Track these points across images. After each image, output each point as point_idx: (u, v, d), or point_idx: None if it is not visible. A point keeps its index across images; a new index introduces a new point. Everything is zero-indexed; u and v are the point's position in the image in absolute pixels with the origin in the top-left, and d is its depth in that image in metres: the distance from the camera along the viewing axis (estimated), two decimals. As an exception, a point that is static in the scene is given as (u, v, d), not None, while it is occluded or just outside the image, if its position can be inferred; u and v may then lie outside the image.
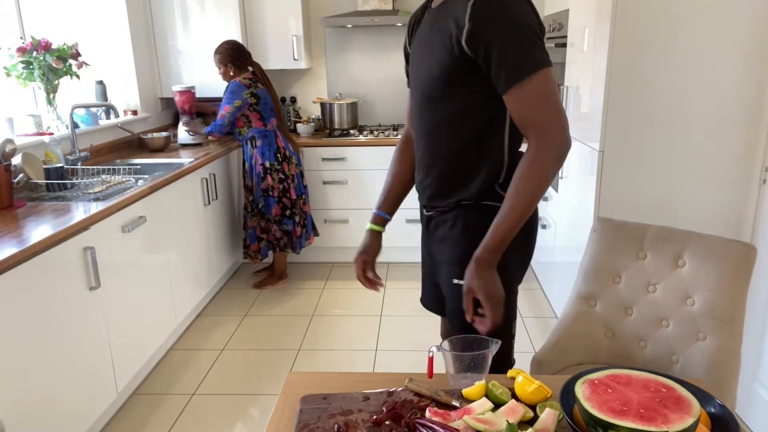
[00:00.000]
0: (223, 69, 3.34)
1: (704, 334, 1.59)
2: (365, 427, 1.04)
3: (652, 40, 2.10)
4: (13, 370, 1.71)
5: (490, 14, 1.17)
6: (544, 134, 1.20)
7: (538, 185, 1.21)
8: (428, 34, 1.33)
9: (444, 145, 1.37)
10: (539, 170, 1.20)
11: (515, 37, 1.17)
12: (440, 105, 1.32)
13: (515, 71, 1.17)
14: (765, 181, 2.11)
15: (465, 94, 1.28)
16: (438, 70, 1.28)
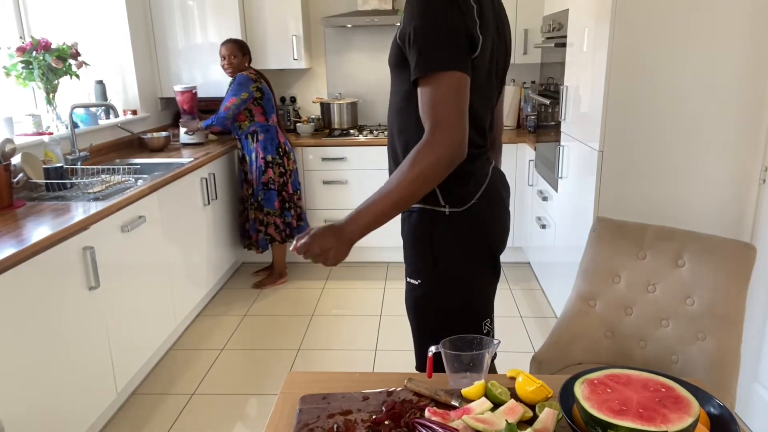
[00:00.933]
0: (240, 58, 3.36)
1: (704, 334, 1.59)
2: (365, 427, 1.04)
3: (652, 40, 2.10)
4: (13, 370, 1.70)
5: (413, 10, 1.20)
6: (433, 132, 1.17)
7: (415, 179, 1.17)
8: None
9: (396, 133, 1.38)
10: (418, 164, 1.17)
11: (429, 33, 1.18)
12: (394, 90, 1.37)
13: (419, 66, 1.19)
14: (765, 181, 2.11)
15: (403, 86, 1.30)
16: (391, 54, 1.33)
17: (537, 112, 3.75)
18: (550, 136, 3.13)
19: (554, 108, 3.02)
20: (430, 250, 1.37)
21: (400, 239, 1.46)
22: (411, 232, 1.40)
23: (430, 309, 1.42)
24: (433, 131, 1.18)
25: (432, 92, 1.19)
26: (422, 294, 1.41)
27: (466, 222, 1.35)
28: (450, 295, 1.40)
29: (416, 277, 1.41)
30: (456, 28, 1.19)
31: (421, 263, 1.39)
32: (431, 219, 1.35)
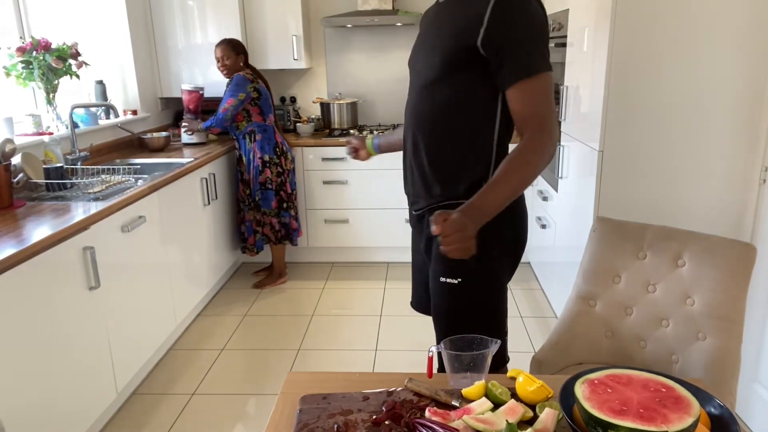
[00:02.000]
0: (234, 59, 3.35)
1: (704, 333, 1.59)
2: (365, 427, 1.04)
3: (652, 40, 2.10)
4: (13, 370, 1.70)
5: (511, 12, 1.24)
6: (542, 129, 1.25)
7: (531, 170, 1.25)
8: (437, 23, 1.37)
9: (436, 138, 1.38)
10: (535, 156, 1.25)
11: (529, 38, 1.25)
12: (436, 93, 1.35)
13: (525, 67, 1.25)
14: (765, 181, 2.11)
15: (461, 83, 1.32)
16: (441, 56, 1.31)
17: (537, 112, 3.75)
18: (550, 136, 3.13)
19: (554, 108, 3.02)
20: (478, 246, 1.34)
21: (401, 239, 1.47)
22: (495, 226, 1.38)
23: (467, 308, 1.41)
24: (541, 129, 1.25)
25: (537, 92, 1.25)
26: (461, 293, 1.39)
27: (506, 216, 1.36)
28: (487, 292, 1.41)
29: (455, 275, 1.38)
30: (546, 32, 1.29)
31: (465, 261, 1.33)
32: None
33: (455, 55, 1.29)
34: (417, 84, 1.41)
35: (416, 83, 1.41)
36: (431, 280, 1.46)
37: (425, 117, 1.39)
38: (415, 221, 1.54)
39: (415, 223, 1.54)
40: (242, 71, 3.33)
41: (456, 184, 1.39)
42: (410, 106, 1.44)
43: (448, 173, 1.39)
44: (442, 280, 1.40)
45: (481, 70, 1.29)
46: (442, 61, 1.32)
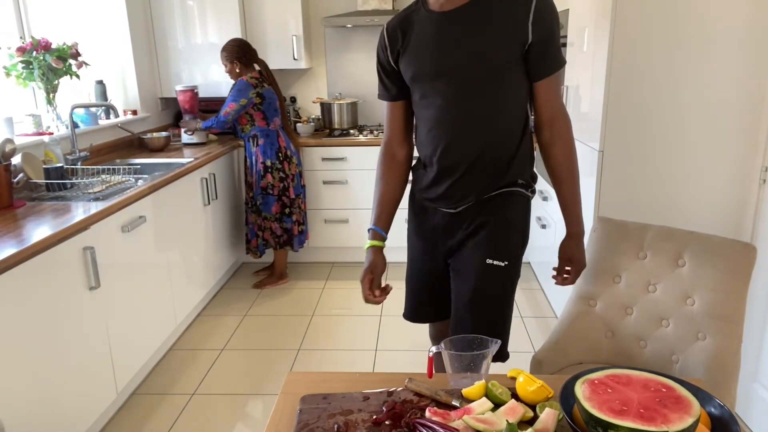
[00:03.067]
0: (230, 66, 3.35)
1: (704, 333, 1.59)
2: (365, 427, 1.04)
3: (652, 40, 2.10)
4: (13, 370, 1.70)
5: (549, 11, 1.37)
6: (566, 117, 1.46)
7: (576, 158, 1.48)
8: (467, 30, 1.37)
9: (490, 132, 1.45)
10: (574, 148, 1.47)
11: (558, 34, 1.40)
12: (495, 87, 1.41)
13: (557, 61, 1.40)
14: (765, 181, 2.11)
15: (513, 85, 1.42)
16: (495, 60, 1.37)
17: (537, 112, 3.75)
18: (550, 136, 3.13)
19: (554, 108, 3.02)
20: (521, 232, 1.52)
21: (401, 239, 1.48)
22: (511, 212, 1.50)
23: (510, 291, 1.52)
24: (567, 117, 1.47)
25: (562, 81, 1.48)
26: (509, 274, 1.48)
27: (530, 203, 1.55)
28: (515, 278, 1.53)
29: (503, 257, 1.47)
30: None
31: (513, 243, 1.50)
32: (522, 200, 1.51)
33: (511, 55, 1.37)
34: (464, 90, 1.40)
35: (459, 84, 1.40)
36: (473, 266, 1.48)
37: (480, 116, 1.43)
38: (448, 220, 1.54)
39: (447, 222, 1.54)
40: (246, 75, 3.32)
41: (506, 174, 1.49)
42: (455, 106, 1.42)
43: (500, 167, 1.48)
44: (489, 262, 1.46)
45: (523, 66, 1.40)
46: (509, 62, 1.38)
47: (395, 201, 1.62)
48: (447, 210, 1.53)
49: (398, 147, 1.62)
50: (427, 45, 1.42)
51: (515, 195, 1.49)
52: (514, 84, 1.41)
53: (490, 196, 1.48)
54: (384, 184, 1.61)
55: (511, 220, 1.49)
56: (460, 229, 1.52)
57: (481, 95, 1.41)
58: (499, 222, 1.48)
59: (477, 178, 1.47)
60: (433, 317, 1.71)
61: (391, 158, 1.62)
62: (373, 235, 1.58)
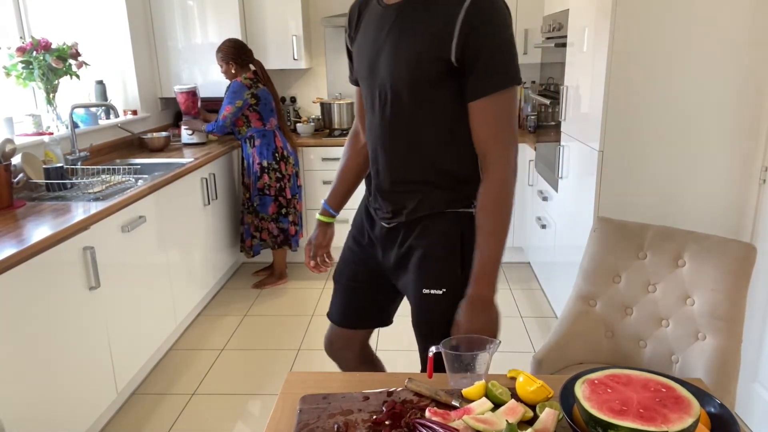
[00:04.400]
0: (225, 67, 3.35)
1: (704, 333, 1.59)
2: (365, 427, 1.04)
3: (652, 40, 2.10)
4: (13, 370, 1.70)
5: (484, 21, 1.15)
6: (504, 150, 1.20)
7: (511, 202, 1.21)
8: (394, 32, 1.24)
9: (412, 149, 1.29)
10: (509, 187, 1.21)
11: (501, 49, 1.17)
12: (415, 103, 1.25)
13: (493, 83, 1.17)
14: (765, 181, 2.11)
15: (439, 99, 1.23)
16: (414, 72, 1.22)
17: (537, 112, 3.76)
18: (550, 136, 3.13)
19: (554, 108, 3.02)
20: (459, 254, 1.30)
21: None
22: (441, 236, 1.31)
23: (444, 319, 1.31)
24: (509, 146, 1.21)
25: (507, 107, 1.20)
26: (449, 300, 1.30)
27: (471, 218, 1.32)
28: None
29: (440, 285, 1.31)
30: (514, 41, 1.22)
31: (450, 269, 1.31)
32: (461, 220, 1.30)
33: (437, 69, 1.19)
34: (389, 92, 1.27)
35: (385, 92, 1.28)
36: (412, 293, 1.37)
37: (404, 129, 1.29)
38: (383, 233, 1.42)
39: (383, 236, 1.42)
40: (240, 76, 3.32)
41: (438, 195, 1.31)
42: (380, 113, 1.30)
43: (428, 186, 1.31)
44: (426, 292, 1.32)
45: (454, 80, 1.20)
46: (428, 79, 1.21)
47: (351, 181, 1.57)
48: (383, 223, 1.41)
49: (362, 130, 1.51)
50: (366, 41, 1.31)
51: (447, 216, 1.30)
52: (440, 102, 1.23)
53: (419, 217, 1.32)
54: (344, 159, 1.57)
55: (446, 245, 1.31)
56: (395, 247, 1.39)
57: (398, 109, 1.26)
58: (431, 248, 1.32)
59: (403, 196, 1.33)
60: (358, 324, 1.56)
61: (356, 137, 1.55)
62: (322, 211, 1.60)
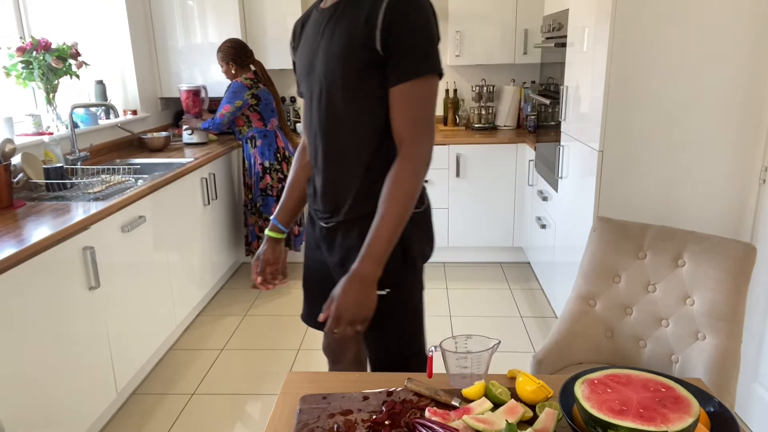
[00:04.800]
0: (225, 67, 3.35)
1: (704, 333, 1.59)
2: (365, 427, 1.04)
3: (652, 40, 2.10)
4: (12, 370, 1.71)
5: (404, 11, 1.19)
6: (418, 137, 1.21)
7: (411, 189, 1.20)
8: (327, 31, 1.28)
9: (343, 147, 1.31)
10: (417, 177, 1.20)
11: (421, 38, 1.20)
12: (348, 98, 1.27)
13: (412, 68, 1.20)
14: (765, 181, 2.11)
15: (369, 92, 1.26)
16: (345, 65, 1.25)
17: (537, 112, 3.76)
18: (550, 136, 3.13)
19: (554, 108, 3.02)
20: (400, 253, 1.31)
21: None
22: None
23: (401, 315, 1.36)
24: (424, 135, 1.22)
25: (426, 95, 1.21)
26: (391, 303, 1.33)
27: (423, 223, 1.38)
28: (416, 297, 1.39)
29: (383, 286, 1.30)
30: (438, 32, 1.24)
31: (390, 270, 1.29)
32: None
33: (360, 62, 1.22)
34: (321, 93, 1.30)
35: (318, 93, 1.30)
36: None
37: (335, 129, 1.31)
38: (324, 234, 1.42)
39: (323, 236, 1.42)
40: (241, 76, 3.32)
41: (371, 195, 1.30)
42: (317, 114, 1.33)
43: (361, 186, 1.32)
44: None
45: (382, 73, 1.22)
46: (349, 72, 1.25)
47: (300, 195, 1.54)
48: (321, 223, 1.42)
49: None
50: (305, 45, 1.36)
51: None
52: (371, 95, 1.25)
53: (357, 218, 1.33)
54: (292, 173, 1.55)
55: None
56: (336, 247, 1.39)
57: (333, 104, 1.28)
58: None
59: (338, 195, 1.34)
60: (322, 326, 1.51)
61: (303, 150, 1.54)
62: (271, 226, 1.55)
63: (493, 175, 3.74)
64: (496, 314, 3.22)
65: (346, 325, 1.22)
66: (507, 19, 3.77)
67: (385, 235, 1.20)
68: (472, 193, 3.78)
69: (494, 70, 4.20)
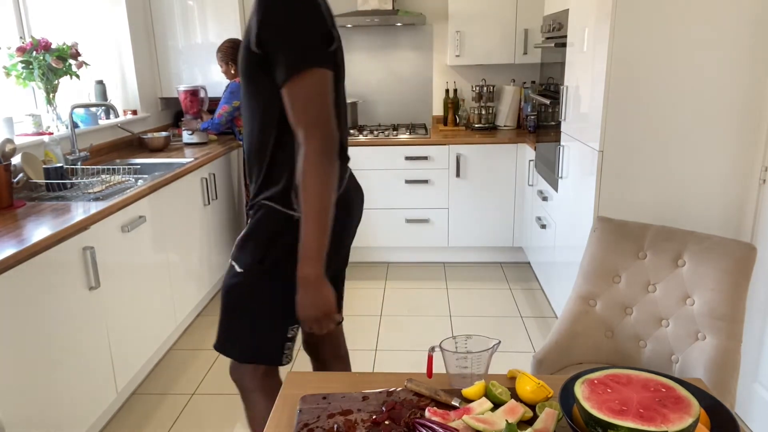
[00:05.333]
0: (225, 67, 3.36)
1: (704, 333, 1.59)
2: (365, 427, 1.04)
3: (652, 40, 2.10)
4: (12, 370, 1.70)
5: (273, 11, 1.19)
6: (311, 134, 1.20)
7: (318, 185, 1.20)
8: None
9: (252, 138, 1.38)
10: (312, 170, 1.20)
11: (293, 34, 1.19)
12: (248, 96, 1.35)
13: (289, 67, 1.19)
14: (765, 181, 2.11)
15: (262, 90, 1.29)
16: (241, 65, 1.32)
17: (537, 112, 3.76)
18: (550, 136, 3.13)
19: (554, 108, 3.02)
20: (264, 248, 1.39)
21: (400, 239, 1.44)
22: (255, 224, 1.41)
23: (241, 297, 1.44)
24: (317, 128, 1.20)
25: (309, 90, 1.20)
26: (239, 282, 1.42)
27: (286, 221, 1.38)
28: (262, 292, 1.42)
29: (241, 264, 1.42)
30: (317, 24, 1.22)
31: (250, 256, 1.40)
32: (278, 219, 1.37)
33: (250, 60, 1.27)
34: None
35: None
36: None
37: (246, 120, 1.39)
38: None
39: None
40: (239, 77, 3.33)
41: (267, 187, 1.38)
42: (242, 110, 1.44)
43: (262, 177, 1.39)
44: (231, 262, 1.45)
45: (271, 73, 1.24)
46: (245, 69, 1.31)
47: None
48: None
49: None
50: None
51: (265, 209, 1.39)
52: (264, 93, 1.29)
53: (257, 204, 1.42)
54: None
55: (255, 233, 1.41)
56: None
57: (244, 100, 1.36)
58: (248, 230, 1.42)
59: (251, 182, 1.44)
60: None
61: None
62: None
63: (493, 175, 3.74)
64: (496, 314, 3.22)
65: (315, 325, 1.28)
66: (507, 19, 3.77)
67: (310, 233, 1.22)
68: (472, 193, 3.78)
69: (494, 70, 4.20)
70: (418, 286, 3.57)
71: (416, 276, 3.74)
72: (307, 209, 1.21)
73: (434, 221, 3.81)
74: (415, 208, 3.80)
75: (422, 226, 3.82)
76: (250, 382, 1.52)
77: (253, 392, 1.53)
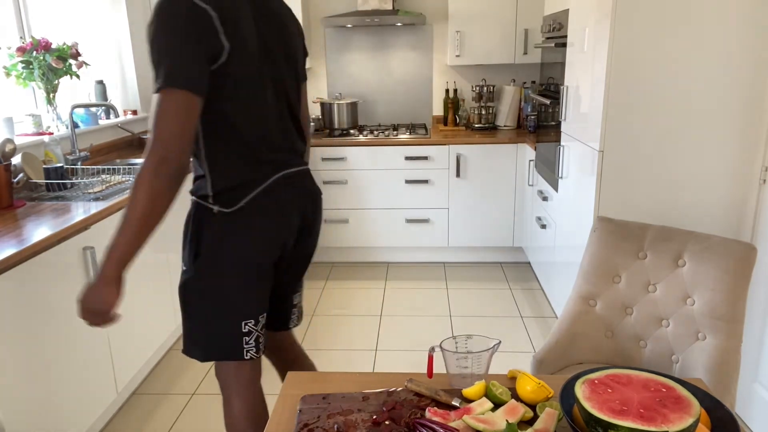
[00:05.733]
0: None
1: (704, 333, 1.59)
2: (365, 427, 1.04)
3: (652, 40, 2.10)
4: (13, 370, 1.70)
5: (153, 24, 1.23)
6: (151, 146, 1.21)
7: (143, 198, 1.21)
8: None
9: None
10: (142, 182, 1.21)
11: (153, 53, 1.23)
12: None
13: (154, 83, 1.23)
14: (765, 181, 2.11)
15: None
16: None
17: (537, 112, 3.76)
18: (550, 136, 3.13)
19: (554, 108, 3.02)
20: (195, 243, 1.44)
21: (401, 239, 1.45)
22: (186, 219, 1.47)
23: (191, 295, 1.47)
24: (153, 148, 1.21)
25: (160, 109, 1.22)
26: (186, 280, 1.46)
27: (233, 223, 1.41)
28: (206, 289, 1.45)
29: (184, 262, 1.48)
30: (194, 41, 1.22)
31: (186, 252, 1.47)
32: (202, 214, 1.42)
33: None
34: None
35: None
36: None
37: None
38: None
39: None
40: None
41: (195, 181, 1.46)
42: None
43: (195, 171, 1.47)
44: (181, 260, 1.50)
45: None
46: None
47: None
48: None
49: None
50: None
51: (192, 204, 1.46)
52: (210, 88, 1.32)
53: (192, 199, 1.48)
54: None
55: (186, 228, 1.47)
56: None
57: None
58: (184, 226, 1.48)
59: None
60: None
61: None
62: None
63: (493, 175, 3.74)
64: (496, 314, 3.22)
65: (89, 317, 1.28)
66: (507, 19, 3.77)
67: (122, 237, 1.24)
68: (472, 193, 3.78)
69: (494, 70, 4.20)
70: (418, 286, 3.57)
71: (416, 276, 3.74)
72: (128, 214, 1.23)
73: (434, 221, 3.81)
74: (415, 208, 3.80)
75: (422, 226, 3.82)
76: (226, 382, 1.54)
77: (231, 394, 1.54)
